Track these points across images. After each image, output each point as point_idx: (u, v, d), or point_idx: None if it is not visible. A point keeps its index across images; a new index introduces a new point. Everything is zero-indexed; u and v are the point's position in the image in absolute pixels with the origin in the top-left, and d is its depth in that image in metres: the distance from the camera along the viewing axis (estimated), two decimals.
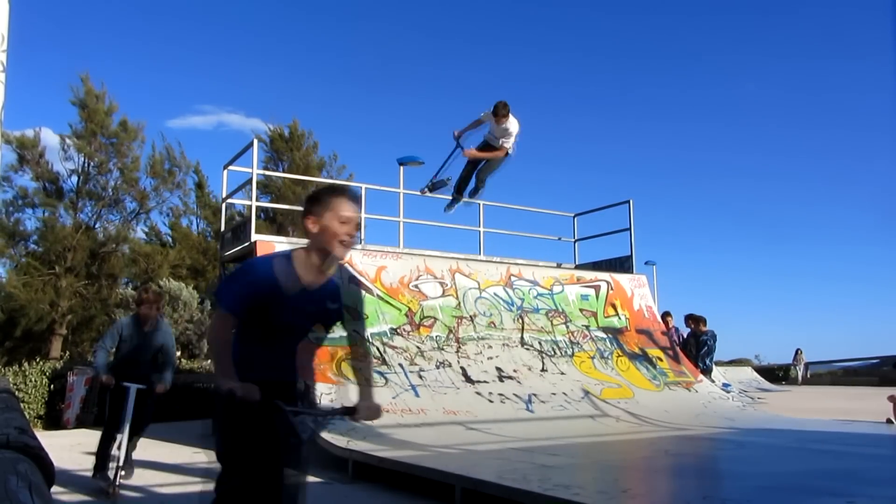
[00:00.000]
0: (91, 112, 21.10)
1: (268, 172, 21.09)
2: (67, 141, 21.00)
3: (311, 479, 5.74)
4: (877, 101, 48.18)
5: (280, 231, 20.96)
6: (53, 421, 11.55)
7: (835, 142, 56.98)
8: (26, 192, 20.87)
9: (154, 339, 5.51)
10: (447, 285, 9.32)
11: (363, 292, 8.73)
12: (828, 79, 57.33)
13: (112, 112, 21.59)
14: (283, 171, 23.71)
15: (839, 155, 56.79)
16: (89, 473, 5.98)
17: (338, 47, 55.28)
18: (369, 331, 8.25)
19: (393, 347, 8.21)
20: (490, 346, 9.01)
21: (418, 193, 9.05)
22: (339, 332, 2.64)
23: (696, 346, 11.00)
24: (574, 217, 12.44)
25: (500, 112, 8.09)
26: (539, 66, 60.20)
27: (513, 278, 10.18)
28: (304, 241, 2.57)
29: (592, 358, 9.78)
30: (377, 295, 8.72)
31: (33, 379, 11.83)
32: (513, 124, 8.26)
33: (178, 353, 17.82)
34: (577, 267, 11.95)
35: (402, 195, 10.43)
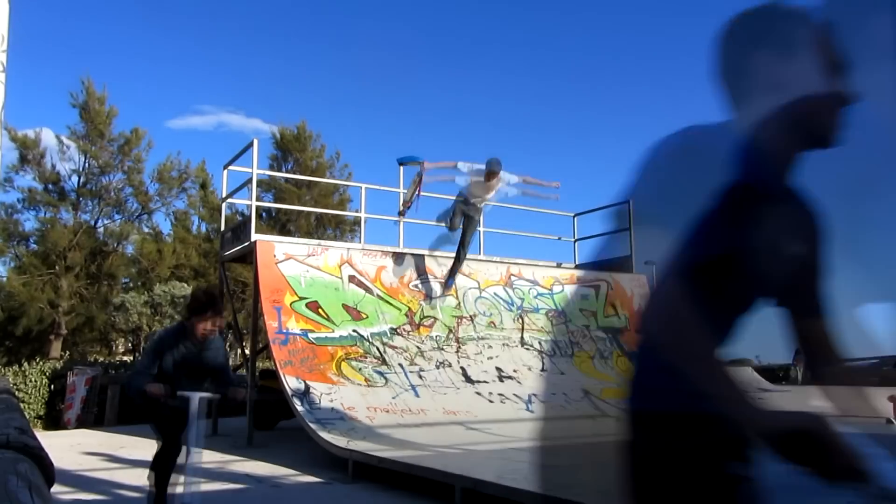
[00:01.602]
0: (93, 113, 21.16)
1: (269, 172, 21.09)
2: (66, 141, 21.07)
3: (311, 479, 5.76)
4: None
5: (282, 231, 20.97)
6: (53, 421, 11.57)
7: None
8: (29, 193, 20.94)
9: (205, 358, 4.15)
10: (447, 285, 9.31)
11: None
12: None
13: (113, 116, 21.68)
14: (290, 172, 23.72)
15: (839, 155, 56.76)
16: (89, 473, 5.98)
17: (337, 47, 55.31)
18: (369, 331, 8.25)
19: (393, 347, 8.21)
20: (490, 346, 9.01)
21: (398, 218, 9.26)
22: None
23: None
24: (574, 217, 12.44)
25: (494, 169, 8.12)
26: (537, 67, 60.26)
27: (513, 278, 10.18)
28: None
29: (592, 358, 9.78)
30: (377, 295, 8.72)
31: (33, 379, 11.85)
32: (502, 184, 8.34)
33: None
34: (577, 267, 11.94)
35: (402, 195, 10.42)
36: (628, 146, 60.55)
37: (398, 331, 8.48)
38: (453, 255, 8.99)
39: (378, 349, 8.06)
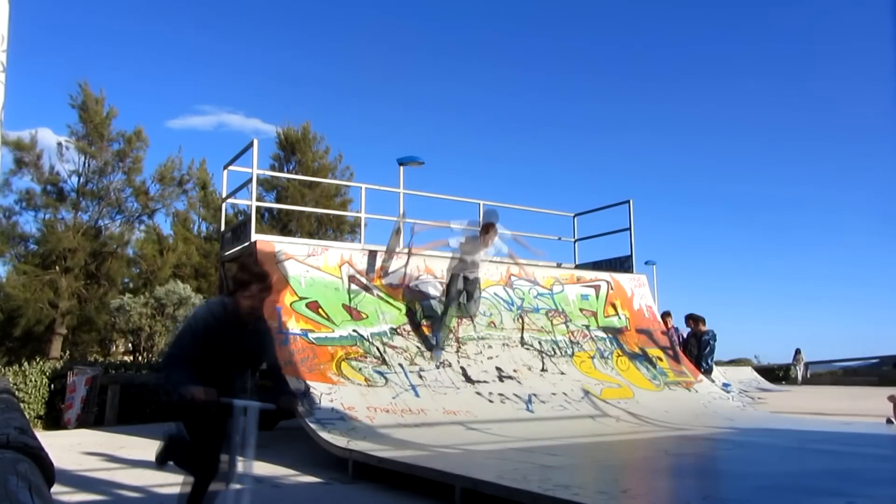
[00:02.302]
0: (92, 114, 21.17)
1: (270, 173, 21.09)
2: (66, 143, 21.08)
3: (311, 479, 5.76)
4: (877, 103, 48.17)
5: (283, 231, 20.95)
6: (53, 421, 11.56)
7: (838, 142, 56.99)
8: (27, 195, 20.91)
9: (252, 342, 3.44)
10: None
11: None
12: (830, 77, 57.33)
13: (113, 116, 21.68)
14: (292, 172, 23.72)
15: (841, 155, 56.79)
16: (89, 473, 5.98)
17: (338, 46, 55.33)
18: (369, 331, 8.25)
19: (393, 347, 8.21)
20: (490, 346, 9.00)
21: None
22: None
23: (697, 347, 11.00)
24: (574, 217, 12.44)
25: (492, 220, 8.13)
26: (536, 68, 60.22)
27: (513, 278, 10.18)
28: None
29: (592, 358, 9.78)
30: (377, 295, 8.72)
31: (33, 379, 11.84)
32: (497, 242, 8.37)
33: None
34: (577, 267, 11.95)
35: (402, 195, 10.43)
36: (629, 143, 60.47)
37: (398, 331, 8.48)
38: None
39: (378, 349, 8.06)
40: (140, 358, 18.55)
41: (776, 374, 27.19)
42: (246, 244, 8.64)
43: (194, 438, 3.40)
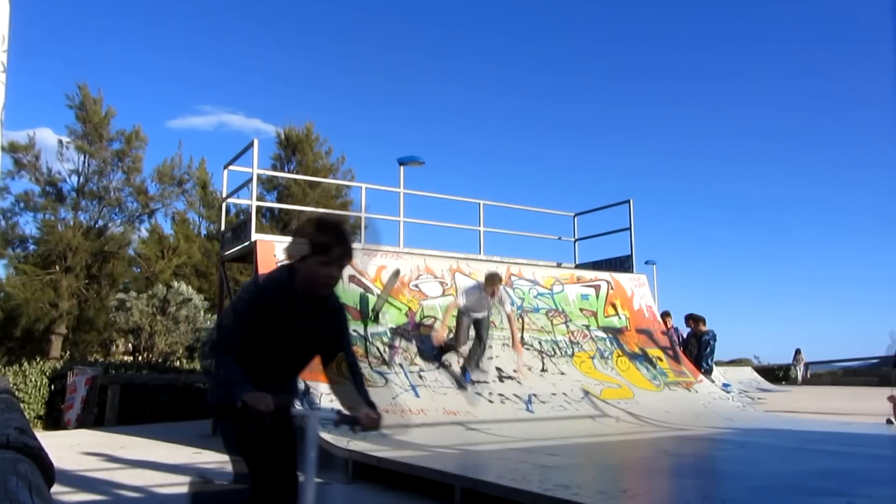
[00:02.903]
0: (90, 114, 21.16)
1: (270, 172, 21.07)
2: (66, 143, 21.07)
3: None
4: (877, 103, 48.16)
5: (284, 231, 20.94)
6: (53, 421, 11.56)
7: (837, 143, 56.98)
8: (26, 196, 20.90)
9: (322, 324, 2.63)
10: (447, 285, 9.31)
11: None
12: (830, 77, 57.31)
13: (111, 116, 21.68)
14: (292, 172, 23.72)
15: (841, 156, 56.79)
16: (89, 473, 5.98)
17: (338, 47, 55.34)
18: (369, 331, 8.25)
19: (393, 347, 8.21)
20: (490, 346, 8.99)
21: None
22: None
23: (697, 347, 10.99)
24: (574, 217, 12.44)
25: (494, 281, 8.09)
26: (537, 69, 60.22)
27: (513, 278, 10.17)
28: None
29: (592, 358, 9.77)
30: (377, 295, 8.72)
31: (33, 379, 11.84)
32: (501, 293, 8.31)
33: (178, 353, 17.74)
34: (578, 267, 11.94)
35: (402, 195, 10.43)
36: (629, 143, 60.49)
37: (398, 331, 8.48)
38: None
39: (378, 349, 8.06)
40: (140, 358, 18.53)
41: (776, 375, 27.18)
42: (246, 244, 8.64)
43: (240, 451, 2.68)
